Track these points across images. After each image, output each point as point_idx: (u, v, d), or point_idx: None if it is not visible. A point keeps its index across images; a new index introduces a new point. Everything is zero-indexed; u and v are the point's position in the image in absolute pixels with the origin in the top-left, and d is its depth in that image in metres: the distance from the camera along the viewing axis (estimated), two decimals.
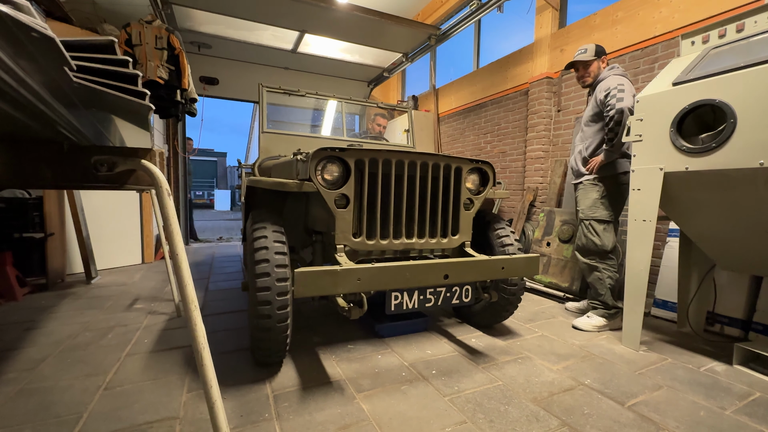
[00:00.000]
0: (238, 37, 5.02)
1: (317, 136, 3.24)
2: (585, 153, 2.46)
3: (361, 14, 4.07)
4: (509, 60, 4.57)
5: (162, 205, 0.91)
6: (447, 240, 1.93)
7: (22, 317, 2.40)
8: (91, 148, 0.86)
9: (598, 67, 2.46)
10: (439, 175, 1.86)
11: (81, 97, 0.65)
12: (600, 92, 2.33)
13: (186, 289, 0.93)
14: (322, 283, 1.40)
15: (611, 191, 2.39)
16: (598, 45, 2.47)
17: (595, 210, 2.37)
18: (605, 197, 2.38)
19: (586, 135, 2.48)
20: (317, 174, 1.65)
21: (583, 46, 2.52)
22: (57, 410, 1.40)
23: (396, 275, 1.52)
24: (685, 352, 2.05)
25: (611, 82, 2.27)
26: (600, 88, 2.35)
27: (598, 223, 2.36)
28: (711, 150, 1.70)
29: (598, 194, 2.39)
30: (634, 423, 1.40)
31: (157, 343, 2.04)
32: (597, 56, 2.45)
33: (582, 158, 2.49)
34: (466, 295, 1.84)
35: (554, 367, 1.84)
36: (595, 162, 2.37)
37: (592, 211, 2.38)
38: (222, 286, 3.29)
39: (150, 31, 3.63)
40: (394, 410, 1.45)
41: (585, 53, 2.47)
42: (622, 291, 2.82)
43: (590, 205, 2.39)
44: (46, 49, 0.47)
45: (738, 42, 1.83)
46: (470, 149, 5.25)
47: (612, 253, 2.37)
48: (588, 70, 2.48)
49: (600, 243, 2.34)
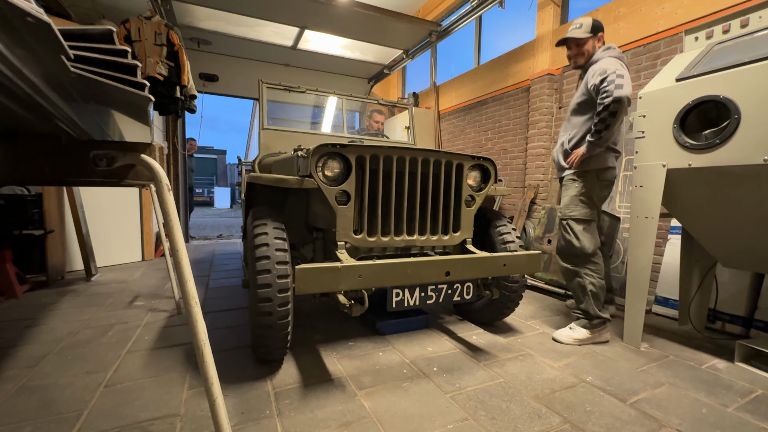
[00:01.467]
0: (238, 33, 4.99)
1: (317, 133, 3.23)
2: (567, 145, 2.17)
3: (361, 10, 4.04)
4: (510, 57, 4.55)
5: (162, 201, 0.90)
6: (448, 237, 1.92)
7: (22, 314, 2.39)
8: (89, 143, 0.85)
9: (593, 45, 2.12)
10: (440, 172, 1.85)
11: (79, 88, 0.64)
12: (593, 76, 1.98)
13: (186, 285, 0.92)
14: (323, 279, 1.39)
15: (592, 188, 2.11)
16: (595, 20, 2.12)
17: (573, 209, 2.13)
18: (584, 194, 2.11)
19: (572, 125, 2.17)
20: (318, 170, 1.64)
21: (577, 19, 2.18)
22: (57, 407, 1.40)
23: (397, 272, 1.52)
24: (686, 349, 2.05)
25: (608, 65, 1.93)
26: (593, 72, 1.99)
27: (576, 223, 2.11)
28: (714, 146, 1.68)
29: (576, 191, 2.13)
30: (636, 420, 1.40)
31: (158, 340, 2.04)
32: (593, 33, 2.10)
33: (563, 151, 2.20)
34: (467, 292, 1.83)
35: (556, 365, 1.84)
36: (576, 155, 2.08)
37: (570, 210, 2.14)
38: (222, 284, 3.29)
39: (149, 27, 3.61)
40: (396, 407, 1.44)
41: (579, 29, 2.12)
42: (617, 293, 2.82)
43: (568, 203, 2.15)
44: (42, 37, 0.45)
45: (742, 37, 1.82)
46: (471, 146, 5.24)
47: (594, 257, 2.12)
48: (582, 48, 2.13)
49: (579, 245, 2.09)
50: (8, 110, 0.61)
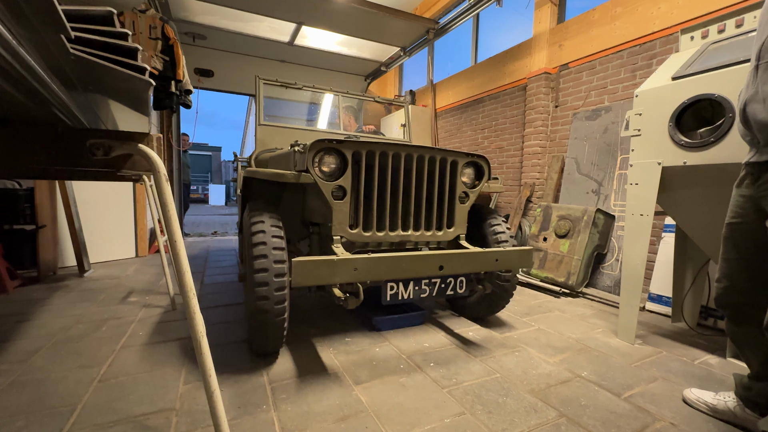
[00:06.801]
0: (234, 28, 4.95)
1: (314, 129, 3.24)
2: None
3: (359, 7, 4.03)
4: (507, 55, 4.56)
5: (160, 192, 0.89)
6: (442, 232, 1.95)
7: (13, 310, 2.36)
8: (86, 132, 0.84)
9: None
10: (435, 169, 1.87)
11: (78, 72, 0.63)
12: None
13: (184, 277, 0.92)
14: (319, 272, 1.41)
15: None
16: None
17: None
18: None
19: None
20: (315, 165, 1.65)
21: None
22: (51, 402, 1.38)
23: (392, 266, 1.55)
24: (679, 345, 2.07)
25: None
26: None
27: None
28: (709, 144, 1.70)
29: None
30: (630, 414, 1.41)
31: (153, 335, 2.02)
32: None
33: None
34: (460, 287, 1.86)
35: (551, 360, 1.85)
36: None
37: None
38: (218, 280, 3.26)
39: (143, 20, 3.57)
40: (393, 401, 1.44)
41: None
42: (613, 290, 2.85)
43: None
44: (43, 13, 0.44)
45: (737, 37, 1.84)
46: (467, 145, 5.25)
47: None
48: None
49: None
50: (4, 93, 0.60)
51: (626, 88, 3.25)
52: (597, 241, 3.09)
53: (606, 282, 3.09)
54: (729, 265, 1.35)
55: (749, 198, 1.28)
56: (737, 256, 1.32)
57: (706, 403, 1.44)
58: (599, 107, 3.46)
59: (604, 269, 3.15)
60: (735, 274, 1.33)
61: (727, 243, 1.35)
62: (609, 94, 3.41)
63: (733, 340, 1.40)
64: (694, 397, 1.48)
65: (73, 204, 3.29)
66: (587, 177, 3.51)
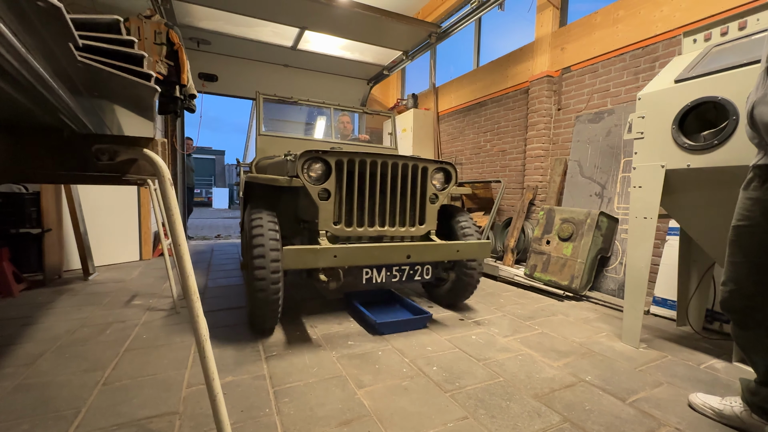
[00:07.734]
0: (238, 33, 4.99)
1: (309, 139, 3.58)
2: None
3: (361, 11, 4.05)
4: (509, 58, 4.57)
5: (164, 195, 0.90)
6: (414, 228, 2.23)
7: (18, 313, 2.37)
8: (92, 137, 0.85)
9: None
10: (408, 174, 2.15)
11: (84, 79, 0.64)
12: None
13: (188, 280, 0.92)
14: (305, 258, 1.73)
15: None
16: None
17: None
18: None
19: None
20: (304, 171, 1.94)
21: None
22: (55, 405, 1.39)
23: (366, 253, 1.86)
24: (684, 349, 2.05)
25: None
26: None
27: None
28: (713, 147, 1.70)
29: None
30: (635, 419, 1.40)
31: (156, 338, 2.02)
32: None
33: None
34: (426, 273, 2.22)
35: (555, 364, 1.84)
36: None
37: None
38: (221, 283, 3.27)
39: (149, 26, 3.60)
40: (396, 405, 1.44)
41: None
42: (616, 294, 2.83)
43: None
44: (51, 22, 0.45)
45: (740, 40, 1.84)
46: (470, 148, 5.25)
47: None
48: None
49: None
50: (12, 100, 0.61)
51: (629, 91, 3.25)
52: (600, 245, 3.07)
53: (610, 285, 3.07)
54: (735, 268, 1.34)
55: (756, 200, 1.27)
56: (743, 259, 1.31)
57: (712, 408, 1.43)
58: (602, 110, 3.45)
59: (608, 273, 3.13)
60: (741, 277, 1.32)
61: (734, 246, 1.34)
62: (611, 97, 3.41)
63: (739, 344, 1.39)
64: (700, 401, 1.47)
65: (79, 208, 3.32)
66: (590, 180, 3.50)
